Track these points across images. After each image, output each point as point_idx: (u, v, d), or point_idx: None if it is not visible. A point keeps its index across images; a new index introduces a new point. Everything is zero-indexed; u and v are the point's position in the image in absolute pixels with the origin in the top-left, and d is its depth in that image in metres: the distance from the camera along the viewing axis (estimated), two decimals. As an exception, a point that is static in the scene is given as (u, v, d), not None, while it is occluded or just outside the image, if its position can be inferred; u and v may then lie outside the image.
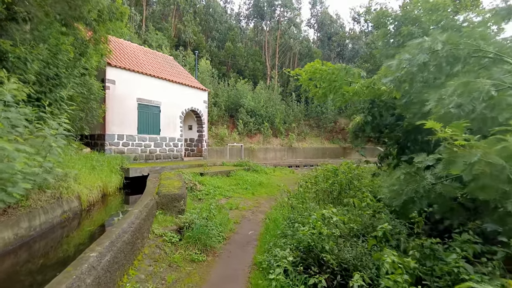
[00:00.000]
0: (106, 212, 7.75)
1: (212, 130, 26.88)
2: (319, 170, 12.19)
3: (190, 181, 10.33)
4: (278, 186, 12.24)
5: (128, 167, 11.27)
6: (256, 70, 37.61)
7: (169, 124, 16.18)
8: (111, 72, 13.22)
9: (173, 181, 8.90)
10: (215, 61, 35.32)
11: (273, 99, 33.13)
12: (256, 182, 12.03)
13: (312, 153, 32.96)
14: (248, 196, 9.97)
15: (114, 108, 13.33)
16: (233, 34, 37.72)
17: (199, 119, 18.62)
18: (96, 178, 8.77)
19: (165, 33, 32.39)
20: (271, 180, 13.29)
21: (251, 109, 29.56)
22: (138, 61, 15.73)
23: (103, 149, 13.03)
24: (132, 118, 14.21)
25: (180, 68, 19.71)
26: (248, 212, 8.15)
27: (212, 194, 9.54)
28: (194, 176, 11.16)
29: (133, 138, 14.22)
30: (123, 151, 13.73)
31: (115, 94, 13.41)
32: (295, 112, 34.56)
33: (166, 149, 15.96)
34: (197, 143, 18.81)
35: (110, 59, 13.46)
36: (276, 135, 31.67)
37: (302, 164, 23.24)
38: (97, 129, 13.26)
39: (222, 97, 29.13)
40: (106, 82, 13.03)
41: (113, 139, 13.30)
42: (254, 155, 27.83)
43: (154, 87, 15.32)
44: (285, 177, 15.41)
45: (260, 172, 14.42)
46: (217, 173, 12.41)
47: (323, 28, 45.69)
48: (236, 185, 11.31)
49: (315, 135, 35.70)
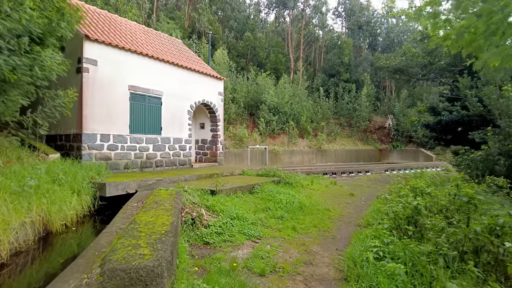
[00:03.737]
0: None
1: (230, 130, 23.13)
2: (393, 187, 8.08)
3: (194, 206, 6.50)
4: (327, 211, 8.20)
5: (104, 182, 7.58)
6: (278, 63, 33.61)
7: (173, 121, 12.47)
8: (90, 48, 9.63)
9: (160, 211, 5.11)
10: (233, 53, 31.62)
11: (298, 95, 29.05)
12: (294, 204, 8.05)
13: (344, 156, 28.59)
14: (287, 235, 6.00)
15: (95, 98, 9.74)
16: (252, 23, 33.92)
17: (213, 115, 14.84)
18: (31, 206, 5.11)
19: (177, 22, 28.98)
20: (313, 199, 9.28)
21: (273, 105, 25.60)
22: (135, 39, 12.13)
23: (79, 154, 9.44)
24: (122, 112, 10.58)
25: (190, 52, 16.02)
26: (296, 282, 4.19)
27: (228, 232, 5.65)
28: (202, 196, 7.34)
29: (123, 139, 10.59)
30: (108, 156, 10.11)
31: (97, 79, 9.81)
32: (324, 109, 30.33)
33: (169, 154, 12.26)
34: (210, 146, 15.04)
35: (88, 31, 9.88)
36: (302, 135, 27.56)
37: (339, 171, 19.03)
38: (73, 127, 9.70)
39: (241, 92, 25.34)
40: (84, 62, 9.45)
41: (93, 141, 9.69)
42: (278, 159, 23.84)
43: (153, 72, 11.66)
44: (328, 191, 11.34)
45: (295, 185, 10.43)
46: (236, 189, 8.53)
47: (352, 16, 41.12)
48: (265, 210, 7.37)
49: (347, 135, 31.28)
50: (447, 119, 15.37)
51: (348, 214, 8.24)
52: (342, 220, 7.64)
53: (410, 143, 31.73)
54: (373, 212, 7.91)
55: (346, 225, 7.21)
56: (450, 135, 16.57)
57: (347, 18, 42.50)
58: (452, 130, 15.91)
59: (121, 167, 10.51)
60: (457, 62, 15.37)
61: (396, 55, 20.26)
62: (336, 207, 8.87)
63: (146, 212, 5.14)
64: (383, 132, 33.60)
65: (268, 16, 42.12)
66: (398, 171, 22.78)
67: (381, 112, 35.15)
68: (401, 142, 31.67)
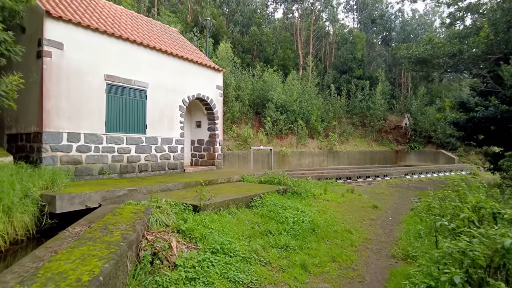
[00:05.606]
0: None
1: (233, 130, 21.26)
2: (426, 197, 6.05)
3: (163, 231, 4.63)
4: (348, 233, 6.23)
5: (54, 194, 5.78)
6: (286, 59, 31.58)
7: (161, 118, 10.67)
8: (53, 28, 7.88)
9: (96, 247, 3.26)
10: (238, 49, 29.74)
11: (308, 92, 27.00)
12: (303, 225, 6.09)
13: (358, 158, 26.43)
14: (294, 279, 4.06)
15: (61, 89, 7.99)
16: (259, 17, 32.03)
17: (210, 112, 13.00)
18: None
19: (179, 16, 27.30)
20: (329, 214, 7.31)
21: (281, 103, 23.63)
22: (117, 23, 10.37)
23: (40, 157, 7.69)
24: (97, 106, 8.81)
25: (186, 42, 14.21)
26: None
27: (204, 277, 3.74)
28: (180, 214, 5.48)
29: (97, 139, 8.81)
30: (78, 160, 8.34)
31: (64, 65, 8.05)
32: (335, 107, 28.17)
33: (156, 156, 10.45)
34: (208, 147, 13.19)
35: (53, 7, 8.12)
36: (312, 136, 25.50)
37: (354, 175, 16.95)
38: (34, 124, 7.96)
39: (246, 89, 23.43)
40: (44, 44, 7.70)
41: (58, 141, 7.93)
42: (285, 161, 21.86)
43: (137, 60, 9.88)
44: (346, 202, 9.34)
45: (305, 196, 8.45)
46: (229, 202, 6.63)
47: (364, 10, 38.85)
48: (264, 235, 5.43)
49: (360, 135, 29.07)
50: (481, 116, 13.18)
51: (376, 238, 6.25)
52: (369, 247, 5.67)
53: (429, 144, 29.35)
54: (409, 235, 5.92)
55: (376, 255, 5.24)
56: (483, 134, 14.41)
57: (359, 11, 40.23)
58: (486, 129, 13.76)
59: (95, 172, 8.73)
60: (495, 49, 13.18)
61: (418, 45, 18.10)
62: (359, 227, 6.88)
63: (73, 250, 3.28)
64: (399, 132, 31.25)
65: (275, 11, 40.17)
66: (420, 175, 20.55)
67: (397, 111, 32.81)
68: (419, 142, 29.30)
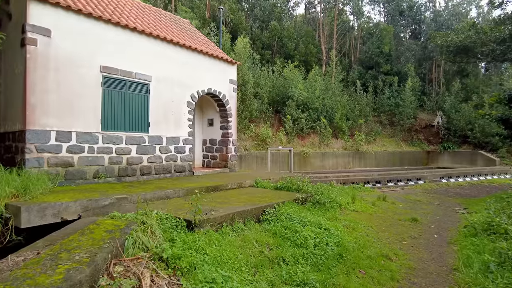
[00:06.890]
0: None
1: (251, 129, 20.03)
2: None
3: (139, 258, 3.43)
4: (386, 260, 4.77)
5: (19, 205, 4.74)
6: (308, 54, 30.01)
7: (167, 115, 9.58)
8: (39, 12, 6.93)
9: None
10: (257, 44, 28.53)
11: (331, 89, 25.36)
12: (328, 248, 4.71)
13: (386, 159, 24.45)
14: None
15: (48, 82, 7.03)
16: (279, 11, 30.62)
17: (222, 108, 11.80)
18: None
19: (196, 11, 26.43)
20: (359, 231, 5.87)
21: (302, 101, 22.15)
22: (119, 10, 9.38)
23: (23, 158, 6.76)
24: (91, 102, 7.81)
25: (197, 33, 13.10)
26: None
27: None
28: (168, 233, 4.29)
29: (92, 139, 7.81)
30: (69, 162, 7.36)
31: (52, 55, 7.09)
32: (361, 105, 26.31)
33: (161, 157, 9.36)
34: (220, 147, 12.01)
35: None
36: (336, 135, 23.82)
37: (384, 179, 15.23)
38: (18, 121, 7.05)
39: (265, 86, 22.16)
40: (28, 31, 6.75)
41: (44, 140, 6.98)
42: (307, 163, 20.37)
43: (138, 50, 8.84)
44: (378, 214, 7.81)
45: (330, 206, 7.04)
46: (234, 216, 5.36)
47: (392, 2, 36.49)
48: (275, 264, 4.11)
49: (389, 135, 27.01)
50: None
51: (423, 266, 4.76)
52: (417, 282, 4.21)
53: (464, 144, 26.79)
54: (470, 265, 4.40)
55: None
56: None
57: (385, 4, 37.87)
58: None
59: (89, 176, 7.74)
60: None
61: (457, 32, 16.08)
62: (398, 248, 5.40)
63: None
64: (430, 131, 28.84)
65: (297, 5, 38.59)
66: (457, 179, 18.41)
67: (428, 108, 30.36)
68: (453, 142, 26.81)
